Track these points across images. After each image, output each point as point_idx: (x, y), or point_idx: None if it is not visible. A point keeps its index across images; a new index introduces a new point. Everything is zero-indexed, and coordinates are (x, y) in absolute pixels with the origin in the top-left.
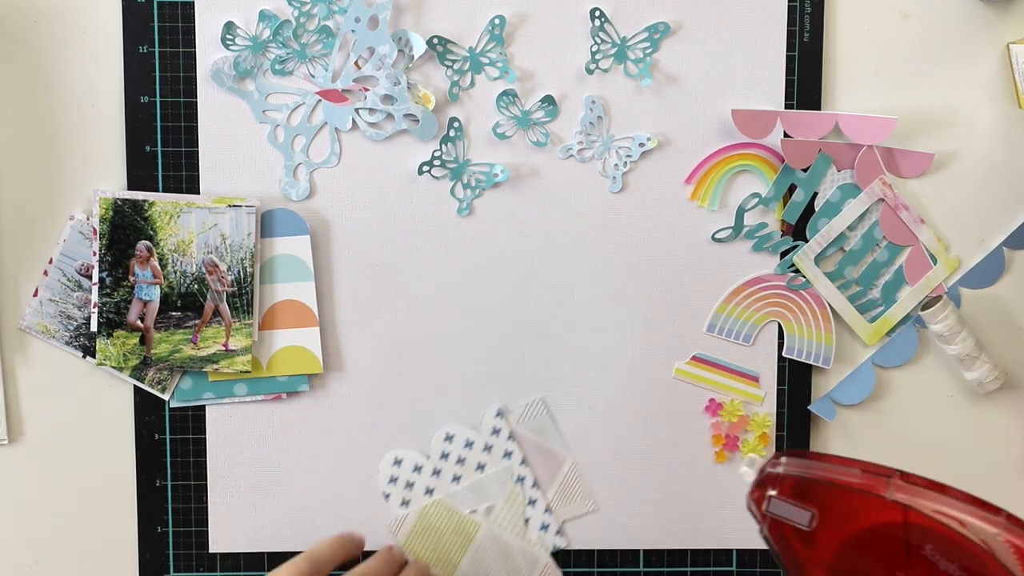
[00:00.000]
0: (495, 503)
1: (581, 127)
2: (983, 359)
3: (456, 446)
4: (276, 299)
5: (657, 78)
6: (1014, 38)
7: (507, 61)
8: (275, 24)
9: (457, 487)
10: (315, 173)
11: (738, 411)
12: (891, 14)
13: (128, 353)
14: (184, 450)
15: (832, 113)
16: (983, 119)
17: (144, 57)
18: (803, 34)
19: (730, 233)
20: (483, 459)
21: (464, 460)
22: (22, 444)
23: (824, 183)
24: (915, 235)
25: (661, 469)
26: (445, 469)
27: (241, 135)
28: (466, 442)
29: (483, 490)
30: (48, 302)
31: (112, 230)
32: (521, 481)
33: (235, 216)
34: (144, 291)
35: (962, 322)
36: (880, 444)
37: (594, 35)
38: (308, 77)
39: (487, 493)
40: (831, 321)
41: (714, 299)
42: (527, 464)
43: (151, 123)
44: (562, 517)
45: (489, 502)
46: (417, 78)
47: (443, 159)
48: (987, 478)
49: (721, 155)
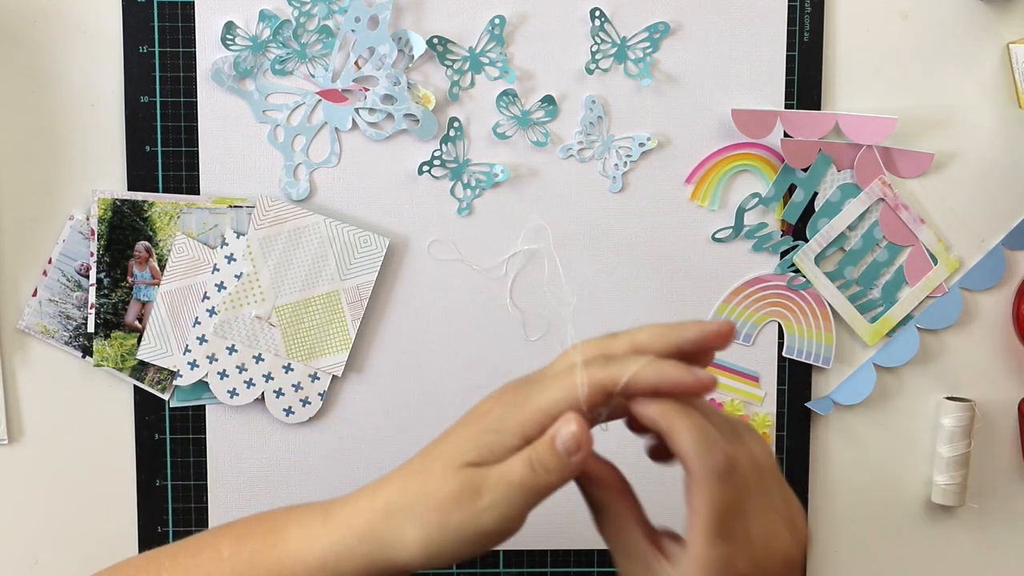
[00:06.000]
0: None
1: (581, 127)
2: (960, 474)
3: None
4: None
5: (657, 78)
6: (1014, 38)
7: (507, 61)
8: (275, 24)
9: None
10: (315, 173)
11: (738, 411)
12: (891, 14)
13: (125, 354)
14: (184, 450)
15: (832, 113)
16: (983, 119)
17: (144, 57)
18: (803, 34)
19: (730, 233)
20: None
21: None
22: (22, 444)
23: (824, 183)
24: (915, 235)
25: (661, 469)
26: None
27: (241, 135)
28: None
29: None
30: (47, 302)
31: (111, 231)
32: None
33: (235, 217)
34: (143, 292)
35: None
36: (880, 444)
37: (594, 35)
38: (308, 77)
39: None
40: (831, 321)
41: (714, 299)
42: None
43: (151, 123)
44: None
45: None
46: (417, 78)
47: (443, 159)
48: (987, 478)
49: (721, 155)
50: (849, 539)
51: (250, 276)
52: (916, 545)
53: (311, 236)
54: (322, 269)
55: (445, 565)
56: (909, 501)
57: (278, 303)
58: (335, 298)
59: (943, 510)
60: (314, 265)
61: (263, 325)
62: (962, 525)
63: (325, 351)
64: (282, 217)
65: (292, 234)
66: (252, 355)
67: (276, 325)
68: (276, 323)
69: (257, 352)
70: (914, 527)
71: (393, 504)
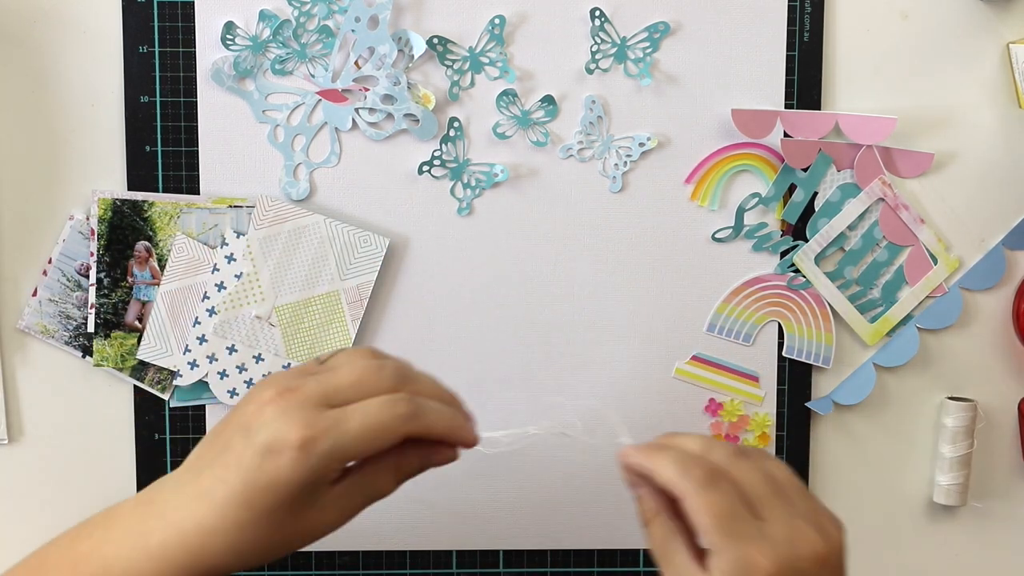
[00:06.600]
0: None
1: (581, 127)
2: (962, 474)
3: None
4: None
5: (657, 78)
6: (1014, 38)
7: (507, 61)
8: (275, 24)
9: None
10: (315, 173)
11: (738, 411)
12: (891, 14)
13: (125, 354)
14: (184, 450)
15: (832, 113)
16: (983, 119)
17: (144, 57)
18: (803, 34)
19: (730, 233)
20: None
21: None
22: (22, 444)
23: (824, 183)
24: (915, 235)
25: None
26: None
27: (241, 135)
28: None
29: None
30: (47, 302)
31: (111, 231)
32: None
33: (235, 217)
34: (143, 292)
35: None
36: (880, 444)
37: (594, 35)
38: (308, 77)
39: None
40: (831, 321)
41: (714, 299)
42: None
43: (151, 123)
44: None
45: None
46: (417, 78)
47: (443, 159)
48: (988, 477)
49: (721, 155)
50: (850, 539)
51: (250, 276)
52: (917, 545)
53: (311, 236)
54: (322, 269)
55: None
56: (910, 501)
57: (278, 303)
58: (335, 298)
59: (944, 510)
60: (314, 265)
61: (263, 325)
62: (964, 525)
63: (325, 351)
64: (282, 217)
65: (292, 234)
66: (252, 355)
67: (276, 325)
68: (276, 323)
69: (257, 352)
70: (915, 527)
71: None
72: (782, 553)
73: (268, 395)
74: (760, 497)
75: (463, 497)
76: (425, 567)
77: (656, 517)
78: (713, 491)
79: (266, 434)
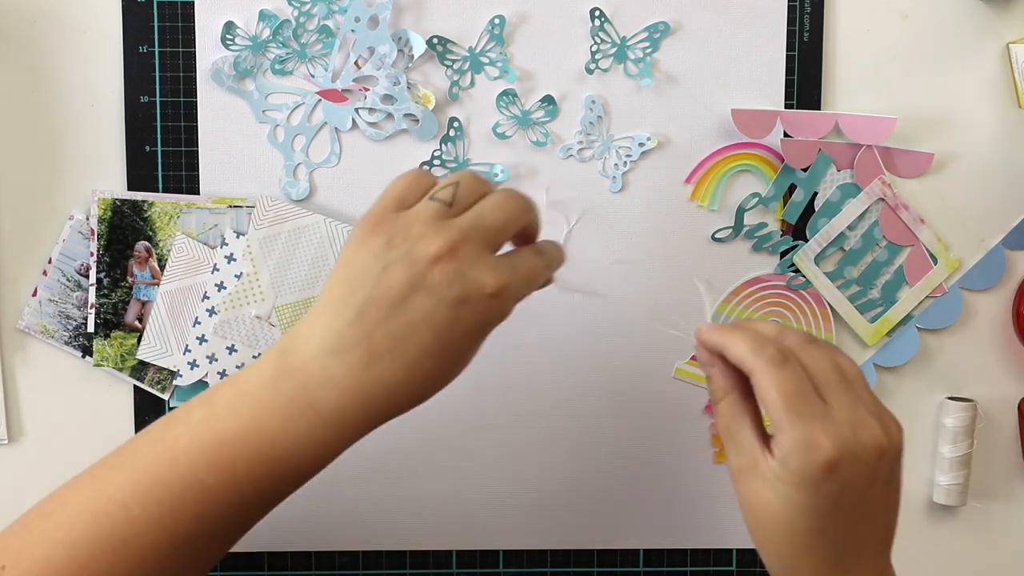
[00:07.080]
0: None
1: (581, 127)
2: (962, 474)
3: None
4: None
5: (657, 78)
6: (1014, 38)
7: (507, 61)
8: (275, 24)
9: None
10: (315, 173)
11: None
12: (891, 14)
13: (125, 354)
14: None
15: (832, 113)
16: (983, 119)
17: (144, 57)
18: (803, 34)
19: (730, 233)
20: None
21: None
22: (22, 444)
23: (824, 183)
24: (915, 235)
25: (660, 469)
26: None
27: (241, 135)
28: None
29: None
30: (47, 302)
31: (111, 231)
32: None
33: (235, 217)
34: (143, 292)
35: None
36: None
37: (594, 35)
38: (308, 77)
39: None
40: (831, 321)
41: (714, 299)
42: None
43: (151, 123)
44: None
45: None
46: (417, 78)
47: (443, 159)
48: (987, 477)
49: (721, 155)
50: None
51: (250, 276)
52: (917, 545)
53: (311, 236)
54: (322, 269)
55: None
56: (909, 501)
57: (278, 303)
58: None
59: (944, 510)
60: (314, 265)
61: (263, 325)
62: (964, 525)
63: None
64: (282, 217)
65: (292, 234)
66: (252, 355)
67: (276, 325)
68: (276, 323)
69: (257, 352)
70: (915, 527)
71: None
72: (845, 437)
73: (434, 250)
74: (828, 383)
75: (463, 497)
76: (425, 567)
77: (726, 396)
78: (783, 369)
79: (460, 288)
